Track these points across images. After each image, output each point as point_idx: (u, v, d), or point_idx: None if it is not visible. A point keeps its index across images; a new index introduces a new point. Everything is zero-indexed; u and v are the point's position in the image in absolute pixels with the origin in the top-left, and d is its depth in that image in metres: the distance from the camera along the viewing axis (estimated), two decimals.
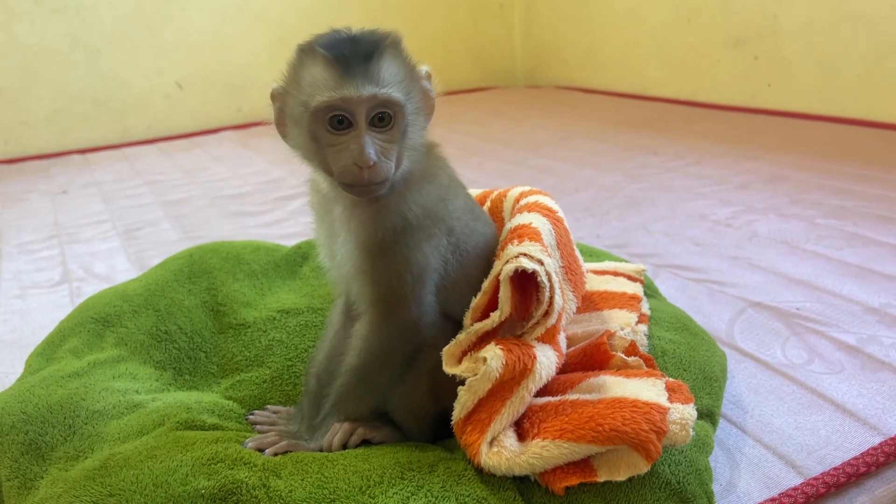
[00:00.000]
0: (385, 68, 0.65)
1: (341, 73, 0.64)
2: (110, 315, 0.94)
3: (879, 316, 1.05)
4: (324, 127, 0.65)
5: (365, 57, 0.64)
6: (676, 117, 2.62)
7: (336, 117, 0.65)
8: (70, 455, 0.71)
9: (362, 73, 0.64)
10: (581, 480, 0.64)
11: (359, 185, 0.66)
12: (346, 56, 0.64)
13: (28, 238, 1.87)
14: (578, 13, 3.41)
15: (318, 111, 0.64)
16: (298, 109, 0.66)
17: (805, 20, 2.36)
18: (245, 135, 3.09)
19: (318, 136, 0.66)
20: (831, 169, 1.78)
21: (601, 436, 0.62)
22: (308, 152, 0.68)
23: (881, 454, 0.77)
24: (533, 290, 0.70)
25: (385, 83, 0.65)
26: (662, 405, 0.64)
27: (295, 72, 0.67)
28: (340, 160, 0.65)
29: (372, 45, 0.65)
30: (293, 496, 0.62)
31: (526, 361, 0.67)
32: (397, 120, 0.67)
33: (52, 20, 2.97)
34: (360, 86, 0.64)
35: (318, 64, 0.65)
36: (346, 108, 0.64)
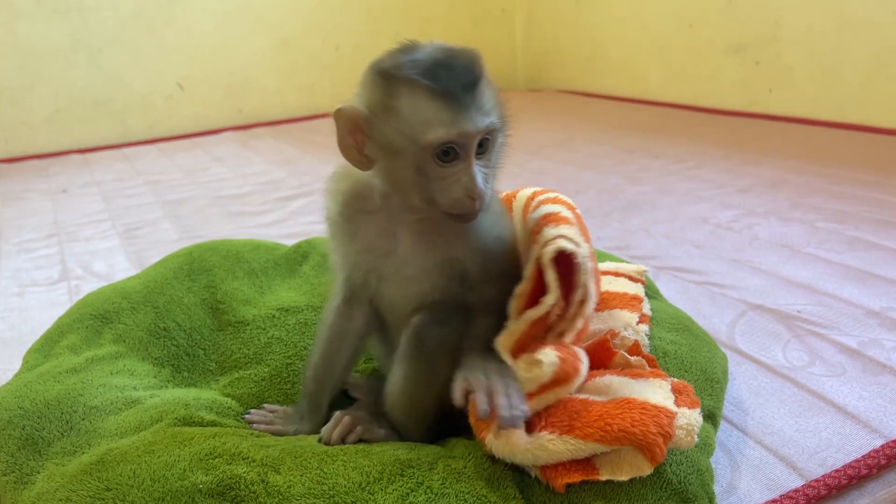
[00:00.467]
0: (487, 96, 0.65)
1: (454, 108, 0.62)
2: (109, 312, 0.94)
3: (881, 319, 1.04)
4: (432, 160, 0.64)
5: (470, 87, 0.63)
6: (678, 121, 2.62)
7: (445, 150, 0.63)
8: (67, 450, 0.71)
9: (473, 106, 0.63)
10: (583, 478, 0.63)
11: (469, 215, 0.66)
12: (453, 89, 0.62)
13: (28, 237, 1.86)
14: (580, 18, 3.41)
15: (431, 146, 0.63)
16: (401, 141, 0.64)
17: (806, 26, 2.36)
18: (246, 136, 3.09)
19: (425, 169, 0.64)
20: (832, 173, 1.78)
21: (609, 435, 0.62)
22: (405, 182, 0.66)
23: (882, 456, 0.77)
24: (569, 276, 0.69)
25: (490, 112, 0.65)
26: (671, 409, 0.63)
27: (387, 100, 0.64)
28: (451, 193, 0.65)
29: (472, 73, 0.64)
30: (292, 491, 0.62)
31: (570, 372, 0.66)
32: (493, 145, 0.67)
33: (53, 20, 2.97)
34: (474, 119, 0.63)
35: (421, 96, 0.62)
36: (460, 143, 0.63)
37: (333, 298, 0.79)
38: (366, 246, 0.74)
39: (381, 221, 0.72)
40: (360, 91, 0.67)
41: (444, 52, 0.65)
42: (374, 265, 0.74)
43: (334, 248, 0.77)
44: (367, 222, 0.73)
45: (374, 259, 0.74)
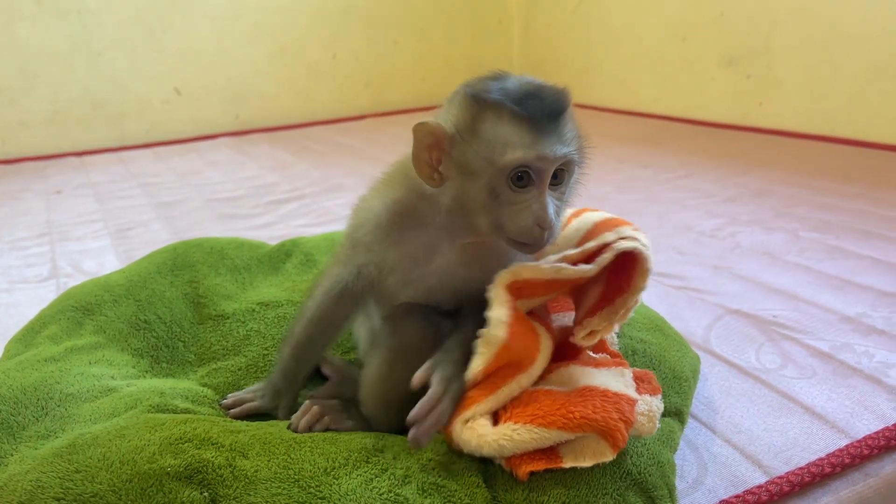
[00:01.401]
0: (569, 128, 0.66)
1: (535, 132, 0.63)
2: (91, 304, 0.95)
3: (854, 325, 1.06)
4: (506, 184, 0.64)
5: (555, 115, 0.64)
6: (669, 133, 2.65)
7: (519, 175, 0.64)
8: (41, 434, 0.72)
9: (554, 133, 0.64)
10: (547, 466, 0.64)
11: (535, 244, 0.66)
12: (537, 115, 0.63)
13: (20, 235, 1.88)
14: (575, 30, 3.44)
15: (507, 168, 0.64)
16: (478, 163, 0.65)
17: (797, 41, 2.39)
18: (241, 141, 3.11)
19: (498, 191, 0.65)
20: (818, 185, 1.80)
21: (571, 423, 0.63)
22: (476, 205, 0.67)
23: (846, 455, 0.78)
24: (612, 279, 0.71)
25: (570, 143, 0.66)
26: (631, 396, 0.65)
27: (472, 121, 0.65)
28: (520, 220, 0.65)
29: (558, 103, 0.65)
30: (258, 476, 0.63)
31: (523, 357, 0.67)
32: (568, 178, 0.67)
33: (53, 23, 3.00)
34: (553, 146, 0.64)
35: (505, 119, 0.64)
36: (536, 168, 0.64)
37: (331, 285, 0.77)
38: (406, 254, 0.73)
39: (429, 236, 0.72)
40: (446, 109, 0.68)
41: (533, 84, 0.67)
42: (404, 273, 0.74)
43: (364, 246, 0.75)
44: (417, 235, 0.73)
45: (408, 267, 0.74)
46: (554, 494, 0.63)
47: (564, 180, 0.67)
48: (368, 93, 3.63)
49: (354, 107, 3.59)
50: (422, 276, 0.73)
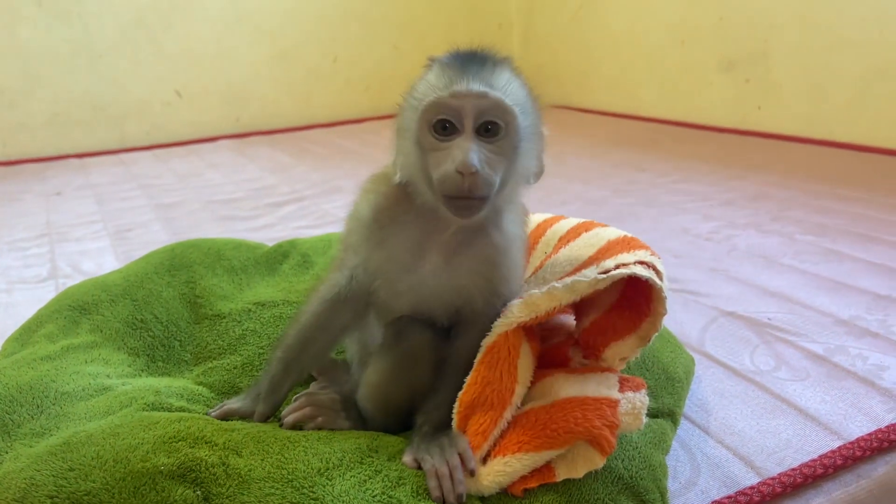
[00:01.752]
0: (500, 76, 0.65)
1: (454, 74, 0.63)
2: (87, 303, 0.96)
3: (849, 327, 1.06)
4: (429, 133, 0.64)
5: (480, 61, 0.64)
6: (668, 137, 2.65)
7: (442, 122, 0.63)
8: (36, 432, 0.72)
9: (475, 74, 0.63)
10: (540, 482, 0.65)
11: (459, 196, 0.63)
12: (460, 59, 0.64)
13: (20, 236, 1.88)
14: (575, 35, 3.45)
15: (427, 112, 0.63)
16: (408, 119, 0.66)
17: (795, 45, 2.39)
18: (242, 144, 3.12)
19: (422, 142, 0.65)
20: (815, 189, 1.80)
21: (557, 440, 0.64)
22: (411, 164, 0.67)
23: (839, 457, 0.78)
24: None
25: (497, 88, 0.64)
26: (612, 398, 0.65)
27: (414, 84, 0.67)
28: (442, 167, 0.63)
29: (487, 57, 0.65)
30: (252, 475, 0.63)
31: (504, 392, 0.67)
32: (508, 132, 0.64)
33: (55, 25, 3.01)
34: (471, 83, 0.62)
35: (433, 70, 0.66)
36: (454, 108, 0.63)
37: (326, 290, 0.76)
38: (391, 256, 0.72)
39: (412, 234, 0.71)
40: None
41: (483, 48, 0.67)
42: (393, 279, 0.73)
43: (353, 248, 0.75)
44: (399, 232, 0.71)
45: (396, 272, 0.72)
46: (546, 501, 0.64)
47: (500, 133, 0.64)
48: (368, 96, 3.63)
49: (354, 110, 3.60)
50: (412, 285, 0.72)
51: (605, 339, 0.72)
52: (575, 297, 0.66)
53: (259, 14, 3.33)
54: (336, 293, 0.75)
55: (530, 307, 0.67)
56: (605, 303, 0.74)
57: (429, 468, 0.64)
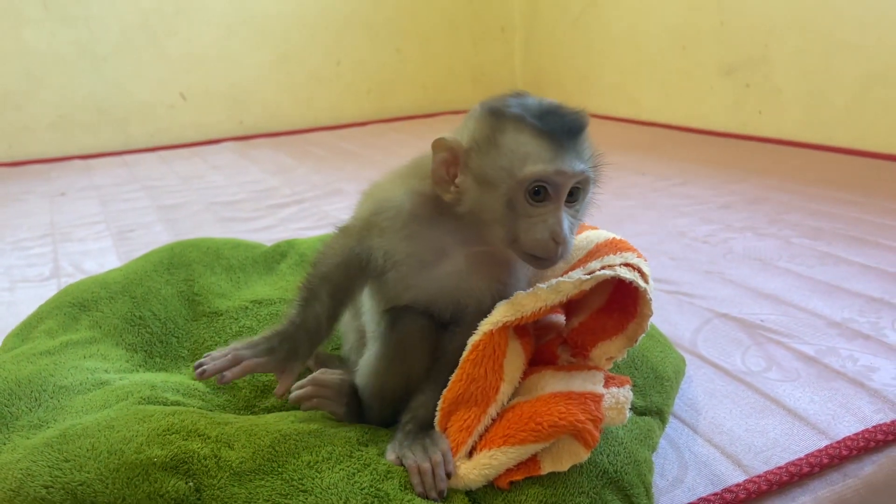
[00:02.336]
0: (587, 146, 0.68)
1: (556, 147, 0.65)
2: (87, 300, 0.97)
3: (841, 329, 1.07)
4: (524, 196, 0.66)
5: (575, 133, 0.67)
6: (669, 141, 2.66)
7: (536, 189, 0.66)
8: (34, 424, 0.73)
9: (573, 150, 0.66)
10: (526, 475, 0.66)
11: (548, 259, 0.67)
12: (558, 131, 0.66)
13: (23, 236, 1.90)
14: (577, 39, 3.46)
15: (526, 180, 0.65)
16: (497, 174, 0.67)
17: (795, 49, 2.40)
18: (245, 146, 3.14)
19: (515, 204, 0.66)
20: (813, 193, 1.81)
21: (542, 434, 0.64)
22: (494, 216, 0.68)
23: (825, 456, 0.79)
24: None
25: (587, 161, 0.67)
26: (597, 393, 0.66)
27: (492, 134, 0.67)
28: (536, 233, 0.66)
29: (578, 122, 0.67)
30: (243, 467, 0.64)
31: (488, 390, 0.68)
32: (584, 196, 0.69)
33: (60, 28, 3.03)
34: (573, 162, 0.65)
35: (526, 133, 0.66)
36: (555, 182, 0.65)
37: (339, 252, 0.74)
38: (415, 252, 0.73)
39: (440, 239, 0.72)
40: (465, 125, 0.70)
41: (553, 103, 0.69)
42: (407, 272, 0.73)
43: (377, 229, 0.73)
44: (428, 233, 0.72)
45: (413, 266, 0.73)
46: (532, 494, 0.65)
47: (580, 198, 0.68)
48: (371, 99, 3.65)
49: (357, 113, 3.62)
50: (426, 281, 0.73)
51: (593, 339, 0.73)
52: (560, 297, 0.67)
53: (262, 18, 3.36)
54: (349, 257, 0.74)
55: (516, 307, 0.68)
56: (593, 304, 0.75)
57: (410, 464, 0.66)
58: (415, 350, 0.74)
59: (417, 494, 0.64)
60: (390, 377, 0.76)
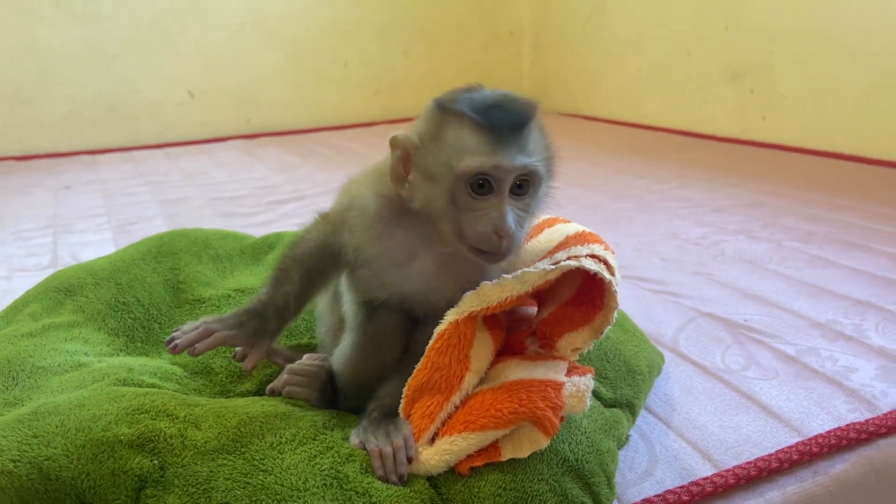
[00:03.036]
0: (533, 139, 0.67)
1: (494, 141, 0.65)
2: (73, 285, 0.99)
3: (823, 331, 1.07)
4: (465, 190, 0.66)
5: (517, 126, 0.66)
6: (671, 146, 2.66)
7: (479, 182, 0.65)
8: (9, 402, 0.75)
9: (515, 143, 0.65)
10: (486, 461, 0.67)
11: (493, 252, 0.67)
12: (499, 124, 0.65)
13: (26, 226, 1.93)
14: (584, 43, 3.47)
15: (465, 175, 0.65)
16: (439, 168, 0.67)
17: (799, 56, 2.40)
18: (251, 144, 3.16)
19: (457, 198, 0.66)
20: (809, 198, 1.80)
21: (502, 420, 0.65)
22: (438, 211, 0.68)
23: (795, 452, 0.79)
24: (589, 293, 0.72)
25: (532, 154, 0.66)
26: (558, 381, 0.66)
27: (437, 129, 0.68)
28: (479, 227, 0.66)
29: (521, 115, 0.66)
30: (207, 447, 0.65)
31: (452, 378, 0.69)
32: (534, 189, 0.68)
33: (72, 25, 3.07)
34: (513, 156, 0.65)
35: (467, 128, 0.66)
36: (495, 176, 0.65)
37: (316, 237, 0.76)
38: (385, 252, 0.74)
39: (408, 237, 0.73)
40: (417, 122, 0.71)
41: (503, 96, 0.68)
42: (380, 271, 0.74)
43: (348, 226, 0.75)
44: (394, 231, 0.73)
45: (385, 266, 0.74)
46: (491, 480, 0.65)
47: (529, 191, 0.68)
48: (378, 100, 3.67)
49: (364, 114, 3.64)
50: (399, 280, 0.74)
51: (559, 330, 0.73)
52: (525, 287, 0.68)
53: (272, 18, 3.38)
54: (326, 242, 0.75)
55: (481, 297, 0.68)
56: (562, 296, 0.75)
57: (372, 448, 0.67)
58: (389, 342, 0.76)
59: (378, 478, 0.65)
60: (365, 367, 0.77)
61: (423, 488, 0.65)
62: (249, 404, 0.74)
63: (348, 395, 0.79)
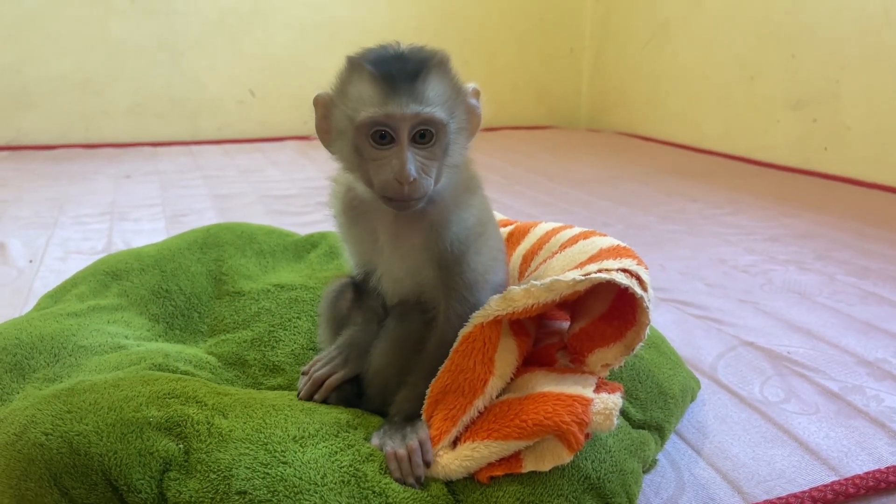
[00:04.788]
0: (430, 87, 0.67)
1: (387, 91, 0.66)
2: (120, 270, 1.01)
3: (871, 369, 1.03)
4: (367, 141, 0.67)
5: (411, 75, 0.66)
6: (727, 171, 2.61)
7: (379, 132, 0.66)
8: (48, 377, 0.77)
9: (407, 92, 0.66)
10: (507, 471, 0.66)
11: (398, 199, 0.67)
12: (392, 74, 0.66)
13: (85, 212, 2.00)
14: (645, 63, 3.43)
15: (363, 126, 0.66)
16: (344, 122, 0.68)
17: (866, 87, 2.33)
18: (306, 146, 3.21)
19: (361, 149, 0.68)
20: (867, 232, 1.75)
21: (526, 431, 0.64)
22: (350, 163, 0.70)
23: (830, 491, 0.76)
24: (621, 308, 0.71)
25: (429, 102, 0.67)
26: (586, 396, 0.65)
27: (342, 84, 0.70)
28: (381, 174, 0.67)
29: (418, 64, 0.67)
30: (232, 435, 0.66)
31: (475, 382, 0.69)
32: (439, 138, 0.68)
33: (143, 20, 3.18)
34: (405, 104, 0.66)
35: (364, 80, 0.67)
36: (390, 125, 0.66)
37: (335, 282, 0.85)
38: (357, 242, 0.78)
39: (368, 220, 0.75)
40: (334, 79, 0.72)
41: (409, 48, 0.69)
42: (368, 262, 0.78)
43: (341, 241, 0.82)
44: (358, 220, 0.77)
45: (368, 255, 0.78)
46: (510, 491, 0.65)
47: (434, 140, 0.68)
48: None
49: None
50: (384, 269, 0.76)
51: (590, 345, 0.72)
52: (553, 296, 0.67)
53: (336, 23, 3.44)
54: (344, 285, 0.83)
55: (507, 302, 0.68)
56: (595, 311, 0.74)
57: (388, 451, 0.67)
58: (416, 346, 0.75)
59: (395, 479, 0.65)
60: (395, 370, 0.76)
61: (440, 493, 0.65)
62: (278, 398, 0.75)
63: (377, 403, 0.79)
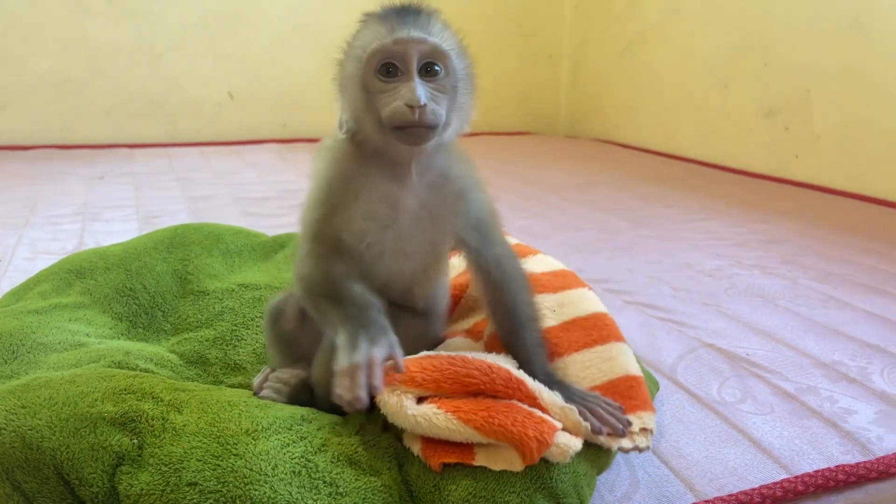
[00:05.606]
0: (436, 24, 0.71)
1: (394, 24, 0.69)
2: (84, 268, 1.02)
3: (826, 371, 1.05)
4: (375, 76, 0.69)
5: (415, 12, 0.70)
6: (702, 178, 2.64)
7: (387, 66, 0.69)
8: (5, 375, 0.77)
9: (413, 22, 0.69)
10: (458, 461, 0.67)
11: (409, 125, 0.67)
12: (396, 11, 0.70)
13: (57, 212, 1.99)
14: (622, 71, 3.47)
15: (371, 59, 0.69)
16: (352, 68, 0.71)
17: (836, 97, 2.37)
18: (285, 149, 3.22)
19: (369, 86, 0.69)
20: (834, 239, 1.78)
21: (488, 427, 0.65)
22: (360, 109, 0.71)
23: (779, 489, 0.78)
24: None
25: (435, 34, 0.70)
26: (554, 424, 0.67)
27: (352, 40, 0.73)
28: (391, 104, 0.68)
29: (424, 8, 0.71)
30: (185, 429, 0.67)
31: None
32: (448, 73, 0.70)
33: (122, 22, 3.17)
34: (409, 31, 0.68)
35: (372, 23, 0.71)
36: (397, 54, 0.68)
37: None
38: (367, 212, 0.74)
39: (383, 187, 0.73)
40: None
41: (413, 3, 0.72)
42: (374, 236, 0.74)
43: (325, 213, 0.76)
44: (369, 184, 0.73)
45: (376, 229, 0.74)
46: (463, 485, 0.66)
47: (441, 73, 0.70)
48: None
49: None
50: (393, 239, 0.75)
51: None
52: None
53: (316, 26, 3.45)
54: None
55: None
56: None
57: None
58: None
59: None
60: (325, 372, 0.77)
61: (392, 483, 0.66)
62: (235, 394, 0.76)
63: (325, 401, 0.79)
